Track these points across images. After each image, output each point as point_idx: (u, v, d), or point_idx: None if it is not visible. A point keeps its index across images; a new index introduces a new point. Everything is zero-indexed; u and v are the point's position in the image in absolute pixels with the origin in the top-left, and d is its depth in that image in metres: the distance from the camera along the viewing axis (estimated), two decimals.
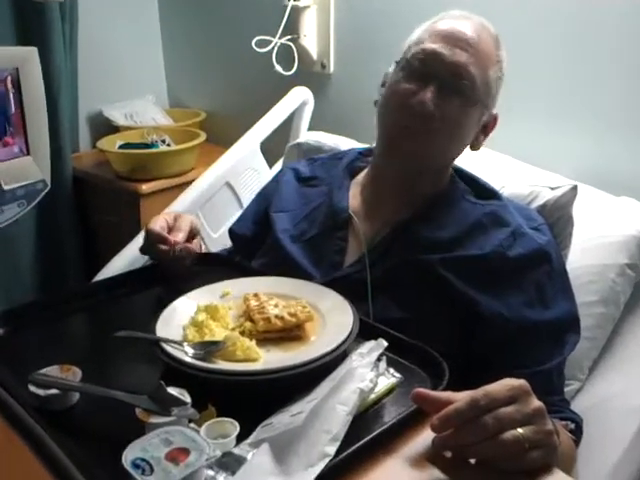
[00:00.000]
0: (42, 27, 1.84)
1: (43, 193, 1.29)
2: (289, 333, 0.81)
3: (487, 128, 1.04)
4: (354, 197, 1.10)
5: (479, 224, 0.99)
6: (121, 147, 2.01)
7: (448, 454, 0.66)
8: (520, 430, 0.64)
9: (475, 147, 1.05)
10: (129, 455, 0.57)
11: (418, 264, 0.96)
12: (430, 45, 0.97)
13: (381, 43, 1.58)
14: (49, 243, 2.04)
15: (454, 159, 1.05)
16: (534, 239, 0.98)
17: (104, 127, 2.22)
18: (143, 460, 0.56)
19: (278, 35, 1.80)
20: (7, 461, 0.66)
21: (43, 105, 1.22)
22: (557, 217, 1.09)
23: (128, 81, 2.28)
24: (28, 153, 1.24)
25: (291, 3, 1.78)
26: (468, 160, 1.06)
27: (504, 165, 1.32)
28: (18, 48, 1.05)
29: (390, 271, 0.98)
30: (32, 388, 0.72)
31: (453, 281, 0.94)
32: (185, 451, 0.58)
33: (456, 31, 0.96)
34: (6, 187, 1.23)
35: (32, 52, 1.15)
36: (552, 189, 1.10)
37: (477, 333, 0.94)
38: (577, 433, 0.93)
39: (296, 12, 1.80)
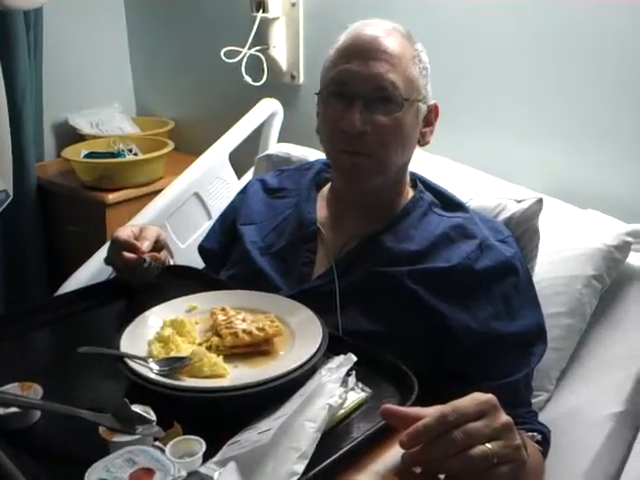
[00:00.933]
0: (5, 36, 1.80)
1: (5, 204, 1.26)
2: (257, 348, 0.80)
3: (429, 120, 1.04)
4: (321, 209, 1.10)
5: (446, 237, 1.00)
6: (87, 156, 1.98)
7: (417, 470, 0.66)
8: (489, 445, 0.64)
9: (423, 142, 1.05)
10: (92, 476, 0.55)
11: (386, 276, 0.96)
12: (343, 66, 0.97)
13: None
14: (12, 254, 1.99)
15: (406, 164, 1.05)
16: (501, 251, 0.98)
17: (69, 136, 2.18)
18: None
19: (247, 46, 1.79)
20: None
21: (5, 116, 1.19)
22: (523, 230, 1.10)
23: (94, 89, 2.25)
24: None
25: (260, 15, 1.77)
26: (435, 172, 1.07)
27: (471, 178, 1.32)
28: None
29: (358, 283, 0.98)
30: None
31: (421, 293, 0.94)
32: (150, 471, 0.56)
33: (365, 42, 0.97)
34: None
35: None
36: (518, 202, 1.11)
37: (445, 345, 0.94)
38: (544, 444, 0.93)
39: (265, 23, 1.80)
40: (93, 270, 1.40)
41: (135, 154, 2.01)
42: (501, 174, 1.35)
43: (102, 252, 1.43)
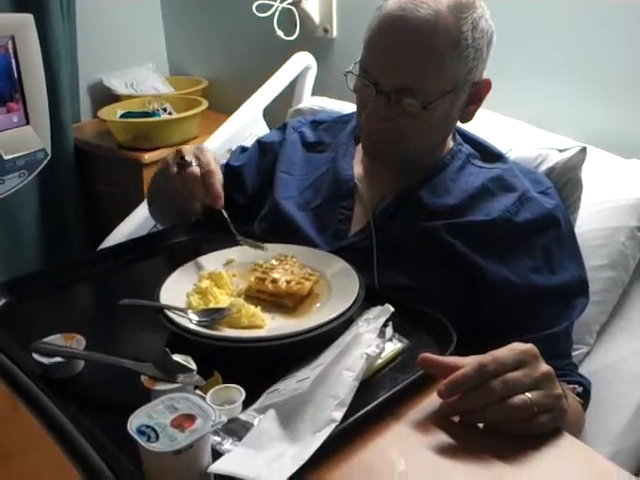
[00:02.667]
0: None
1: (44, 163, 1.27)
2: (279, 300, 0.81)
3: (476, 97, 0.98)
4: (359, 163, 1.08)
5: (485, 189, 0.98)
6: (122, 116, 1.99)
7: (456, 419, 0.66)
8: (529, 394, 0.63)
9: (466, 119, 1.01)
10: (134, 422, 0.57)
11: (423, 231, 0.95)
12: (372, 53, 0.93)
13: None
14: (52, 213, 2.04)
15: (442, 141, 1.02)
16: (542, 204, 0.96)
17: (105, 96, 2.19)
18: (148, 427, 0.56)
19: None
20: (13, 428, 0.66)
21: (41, 73, 1.20)
22: (565, 180, 1.07)
23: (128, 49, 2.24)
24: (28, 122, 1.22)
25: None
26: (472, 123, 1.03)
27: (511, 128, 1.29)
28: (13, 15, 1.02)
29: (395, 239, 0.97)
30: (36, 356, 0.71)
31: (459, 247, 0.93)
32: (191, 417, 0.57)
33: (398, 34, 0.89)
34: (6, 157, 1.21)
35: (28, 19, 1.12)
36: (560, 151, 1.08)
37: (484, 299, 0.93)
38: (585, 397, 0.92)
39: None
40: (132, 227, 1.42)
41: (170, 113, 2.01)
42: (541, 124, 1.31)
43: (140, 209, 1.45)
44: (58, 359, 0.71)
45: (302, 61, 1.65)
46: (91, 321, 0.87)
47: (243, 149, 1.25)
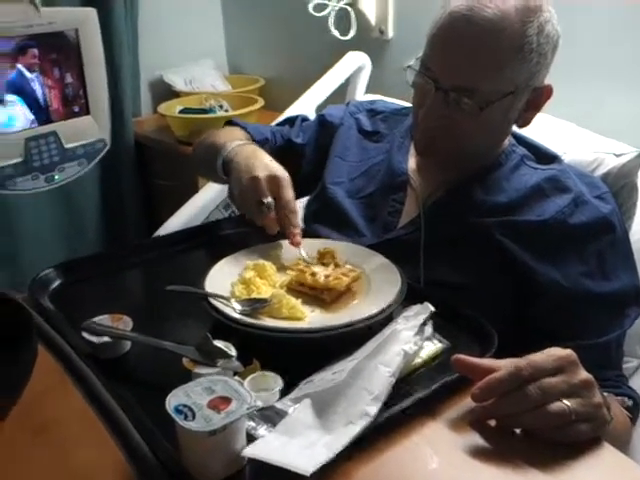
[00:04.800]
0: None
1: (103, 152, 1.31)
2: (318, 293, 0.81)
3: (535, 103, 0.96)
4: (413, 157, 1.08)
5: (538, 188, 0.96)
6: (181, 112, 2.04)
7: (492, 422, 0.65)
8: (567, 402, 0.62)
9: (523, 124, 0.99)
10: (172, 401, 0.58)
11: (474, 227, 0.94)
12: (433, 51, 0.92)
13: None
14: (112, 203, 2.13)
15: (497, 144, 1.01)
16: (597, 208, 0.93)
17: (164, 92, 2.25)
18: (185, 406, 0.57)
19: None
20: (58, 400, 0.69)
21: (102, 66, 1.24)
22: (621, 185, 1.04)
23: (188, 46, 2.30)
24: (88, 113, 1.27)
25: None
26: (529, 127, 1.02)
27: (566, 132, 1.26)
28: (77, 9, 1.06)
29: (444, 234, 0.96)
30: (85, 335, 0.74)
31: (509, 246, 0.91)
32: (227, 400, 0.58)
33: (459, 35, 0.88)
34: (67, 145, 1.26)
35: (91, 13, 1.16)
36: (617, 156, 1.05)
37: (532, 301, 0.91)
38: (634, 411, 0.89)
39: None
40: (184, 218, 1.46)
41: (226, 110, 2.05)
42: (597, 128, 1.27)
43: (193, 202, 1.49)
44: (106, 339, 0.74)
45: (356, 60, 1.65)
46: (139, 304, 0.90)
47: (304, 119, 1.25)
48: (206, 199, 1.54)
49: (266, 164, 0.94)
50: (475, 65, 0.88)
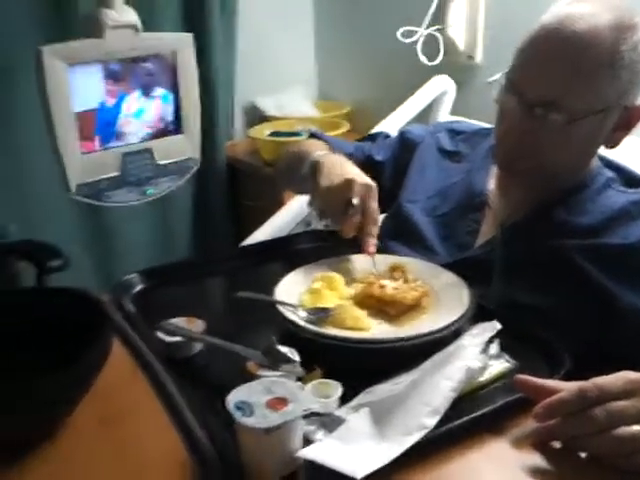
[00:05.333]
0: (203, 15, 2.00)
1: (193, 170, 1.38)
2: (384, 306, 0.81)
3: (625, 123, 0.93)
4: (493, 178, 1.07)
5: (625, 212, 0.92)
6: (270, 135, 2.12)
7: (556, 444, 0.63)
8: (637, 427, 0.59)
9: (612, 145, 0.95)
10: (233, 398, 0.60)
11: (552, 249, 0.91)
12: (520, 64, 0.91)
13: None
14: (202, 221, 2.23)
15: (583, 165, 0.97)
16: None
17: (256, 117, 2.34)
18: (245, 403, 0.59)
19: (424, 25, 1.79)
20: (129, 392, 0.73)
21: (196, 88, 1.31)
22: None
23: (281, 75, 2.38)
24: (181, 132, 1.34)
25: None
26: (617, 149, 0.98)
27: None
28: (175, 34, 1.14)
29: (521, 255, 0.94)
30: (160, 334, 0.78)
31: (590, 270, 0.88)
32: (284, 401, 0.60)
33: (548, 47, 0.87)
34: (160, 162, 1.33)
35: (188, 37, 1.24)
36: None
37: (610, 328, 0.87)
38: None
39: (444, 2, 1.78)
40: (266, 235, 1.50)
41: None
42: None
43: (276, 219, 1.54)
44: (178, 339, 0.78)
45: (440, 84, 1.66)
46: (213, 309, 0.94)
47: (386, 137, 1.27)
48: (287, 218, 1.58)
49: (358, 172, 0.97)
50: (562, 77, 0.87)
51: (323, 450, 0.60)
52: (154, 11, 1.91)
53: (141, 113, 1.15)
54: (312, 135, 1.29)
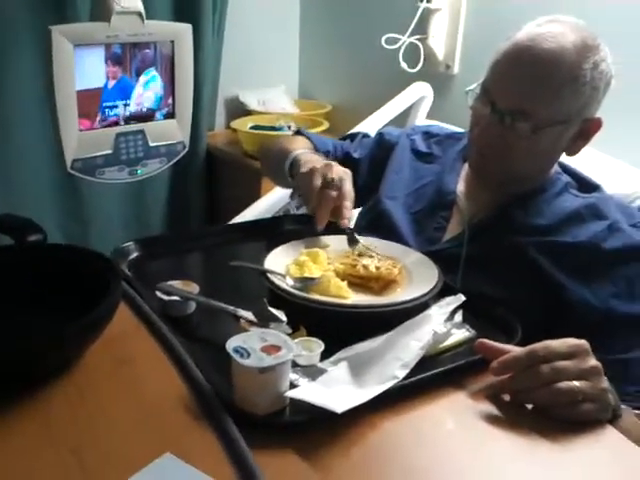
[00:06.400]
0: (195, 10, 2.07)
1: (182, 154, 1.45)
2: (367, 282, 0.91)
3: (585, 134, 1.03)
4: (462, 180, 1.17)
5: (577, 214, 1.03)
6: (251, 128, 2.20)
7: (507, 397, 0.73)
8: (576, 383, 0.69)
9: (572, 153, 1.06)
10: (232, 343, 0.69)
11: (512, 246, 1.01)
12: (492, 75, 1.02)
13: None
14: (178, 205, 2.29)
15: (545, 169, 1.08)
16: (631, 235, 0.99)
17: (238, 110, 2.42)
18: (242, 348, 0.68)
19: (407, 34, 1.90)
20: (134, 342, 0.81)
21: (190, 77, 1.38)
22: None
23: (264, 71, 2.47)
24: (173, 117, 1.41)
25: (424, 5, 1.87)
26: (573, 158, 1.09)
27: (606, 166, 1.32)
28: (175, 24, 1.20)
29: (484, 250, 1.04)
30: (158, 294, 0.86)
31: (544, 264, 0.98)
32: (277, 347, 0.68)
33: (518, 62, 0.98)
34: (152, 144, 1.39)
35: (187, 28, 1.31)
36: None
37: (561, 317, 0.97)
38: None
39: (427, 13, 1.89)
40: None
41: (293, 130, 2.19)
42: (636, 163, 1.32)
43: (257, 206, 1.62)
44: (175, 298, 0.85)
45: (419, 90, 1.77)
46: (206, 276, 1.02)
47: (364, 136, 1.37)
48: (267, 205, 1.66)
49: (336, 164, 1.08)
50: (531, 90, 0.97)
51: (308, 391, 0.69)
52: (149, 3, 1.97)
53: (138, 95, 1.21)
54: (297, 132, 1.38)
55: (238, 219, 1.62)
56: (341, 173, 1.04)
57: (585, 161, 1.18)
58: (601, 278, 0.97)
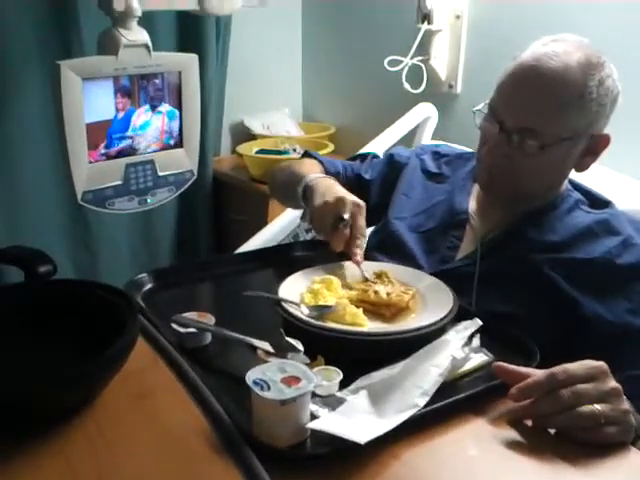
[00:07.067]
0: (199, 39, 2.10)
1: (190, 181, 1.46)
2: (378, 309, 0.91)
3: (593, 150, 1.04)
4: (473, 199, 1.17)
5: (589, 231, 1.03)
6: (257, 152, 2.22)
7: (529, 422, 0.73)
8: (597, 406, 0.69)
9: (580, 169, 1.07)
10: (251, 375, 0.69)
11: (526, 263, 1.01)
12: (499, 94, 1.03)
13: None
14: (186, 231, 2.31)
15: (555, 186, 1.09)
16: None
17: (243, 135, 2.44)
18: (262, 380, 0.68)
19: (410, 55, 1.92)
20: (152, 376, 0.81)
21: (197, 105, 1.40)
22: None
23: (268, 95, 2.49)
24: (181, 146, 1.42)
25: (425, 26, 1.89)
26: (583, 175, 1.09)
27: (618, 183, 1.33)
28: (182, 54, 1.22)
29: (497, 268, 1.04)
30: (174, 326, 0.86)
31: (558, 281, 0.98)
32: (297, 379, 0.68)
33: (524, 80, 0.99)
34: (160, 173, 1.40)
35: (193, 58, 1.33)
36: None
37: (577, 334, 0.97)
38: None
39: (428, 35, 1.91)
40: (254, 247, 1.58)
41: (299, 153, 2.20)
42: None
43: (265, 232, 1.62)
44: (192, 330, 0.86)
45: (424, 111, 1.78)
46: (220, 307, 1.01)
47: (374, 157, 1.38)
48: (277, 230, 1.67)
49: (347, 192, 1.09)
50: (538, 109, 0.98)
51: (329, 422, 0.68)
52: (154, 35, 2.00)
53: (147, 126, 1.22)
54: (306, 154, 1.39)
55: (247, 245, 1.63)
56: (353, 208, 1.05)
57: (592, 177, 1.19)
58: (616, 294, 0.97)
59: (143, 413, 0.74)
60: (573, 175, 1.10)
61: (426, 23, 1.88)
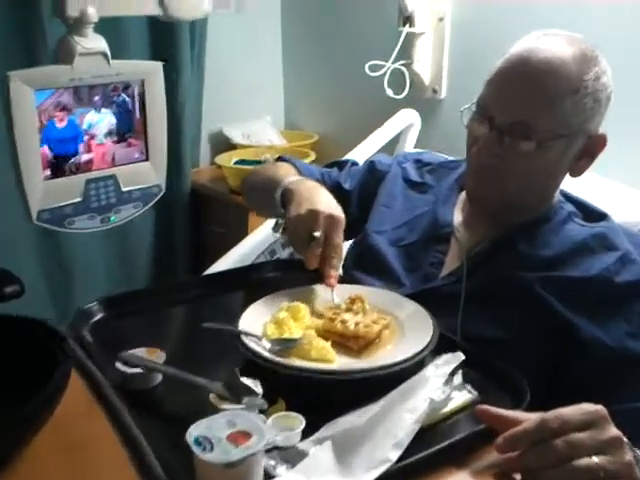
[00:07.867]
0: (172, 45, 2.01)
1: (157, 197, 1.37)
2: (346, 341, 0.81)
3: (589, 151, 0.96)
4: (459, 211, 1.08)
5: (585, 245, 0.94)
6: (236, 163, 2.12)
7: (517, 476, 0.63)
8: (595, 458, 0.60)
9: (575, 173, 0.98)
10: (194, 432, 0.59)
11: (516, 281, 0.93)
12: (489, 90, 0.95)
13: None
14: (163, 245, 2.21)
15: (547, 194, 1.00)
16: None
17: (223, 144, 2.34)
18: (205, 438, 0.58)
19: (391, 60, 1.83)
20: (86, 424, 0.71)
21: (163, 117, 1.31)
22: None
23: (249, 103, 2.39)
24: (147, 159, 1.33)
25: (406, 29, 1.80)
26: (574, 185, 1.01)
27: (614, 192, 1.25)
28: (144, 62, 1.13)
29: (485, 286, 0.95)
30: (119, 365, 0.76)
31: (552, 302, 0.90)
32: (246, 435, 0.59)
33: (517, 73, 0.91)
34: (124, 189, 1.31)
35: (157, 66, 1.24)
36: None
37: (572, 359, 0.88)
38: None
39: (411, 38, 1.82)
40: (231, 262, 1.50)
41: None
42: None
43: (242, 247, 1.53)
44: (138, 370, 0.76)
45: (407, 117, 1.69)
46: (175, 340, 0.92)
47: (353, 164, 1.29)
48: (253, 245, 1.58)
49: (328, 202, 0.98)
50: (530, 101, 0.90)
51: None
52: (123, 42, 1.91)
53: (91, 127, 1.12)
54: (280, 158, 1.30)
55: (222, 262, 1.54)
56: (327, 223, 0.94)
57: (581, 185, 1.10)
58: (615, 315, 0.89)
59: (72, 468, 0.64)
60: (563, 185, 1.01)
61: (408, 26, 1.80)
